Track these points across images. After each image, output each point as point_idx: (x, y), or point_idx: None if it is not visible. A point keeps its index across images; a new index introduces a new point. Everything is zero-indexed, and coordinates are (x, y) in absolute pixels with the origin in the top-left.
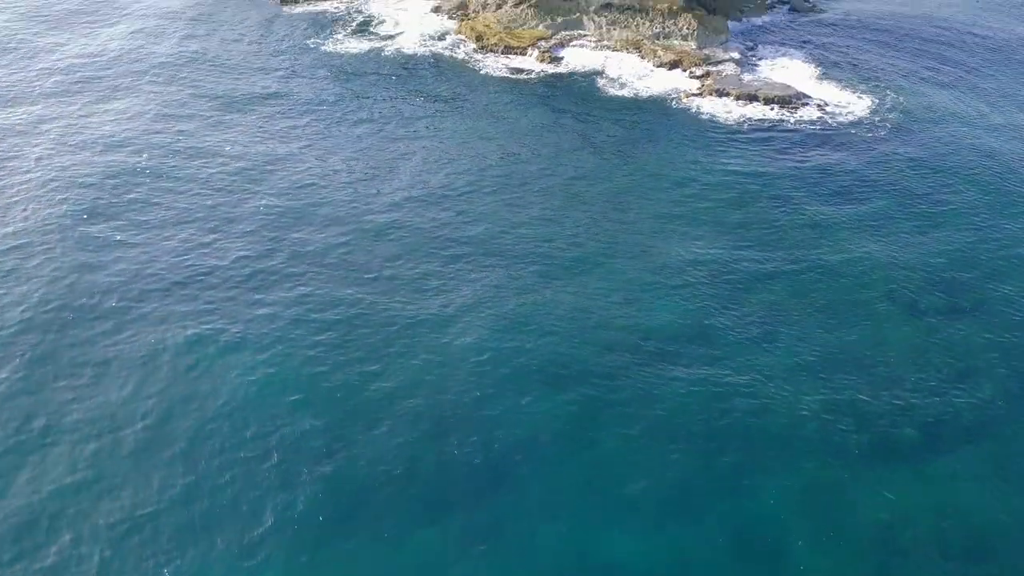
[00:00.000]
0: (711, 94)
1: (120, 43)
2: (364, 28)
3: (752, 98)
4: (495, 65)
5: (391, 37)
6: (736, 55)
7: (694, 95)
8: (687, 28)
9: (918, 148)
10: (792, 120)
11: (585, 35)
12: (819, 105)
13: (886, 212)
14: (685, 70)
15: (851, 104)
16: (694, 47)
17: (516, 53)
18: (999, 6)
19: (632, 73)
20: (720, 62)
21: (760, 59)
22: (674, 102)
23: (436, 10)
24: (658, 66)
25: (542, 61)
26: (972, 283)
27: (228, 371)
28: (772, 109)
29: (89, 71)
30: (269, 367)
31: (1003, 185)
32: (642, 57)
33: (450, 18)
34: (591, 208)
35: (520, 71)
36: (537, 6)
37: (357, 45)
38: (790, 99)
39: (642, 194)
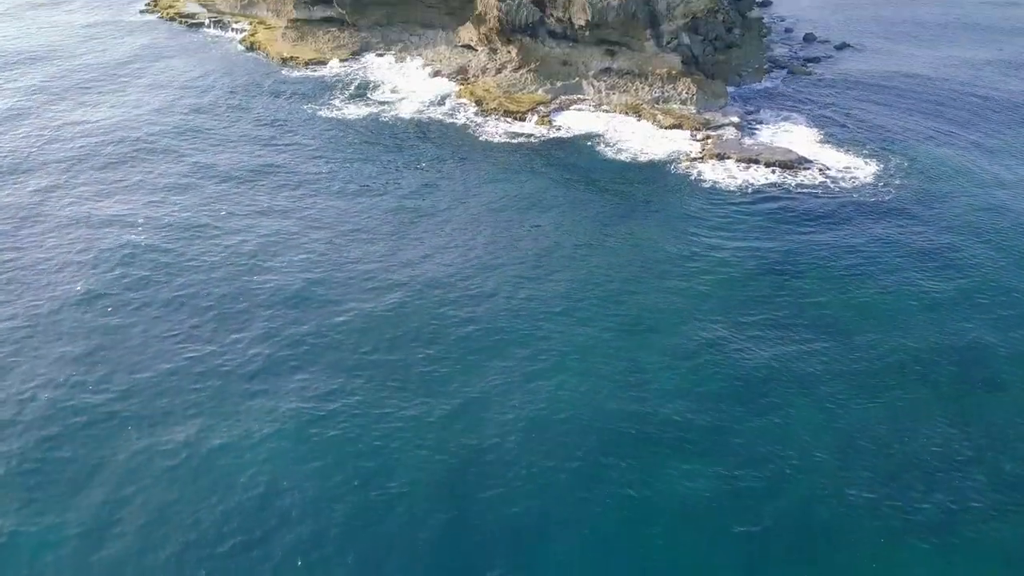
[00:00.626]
0: (712, 158)
1: (116, 112)
2: (363, 93)
3: (753, 162)
4: (495, 130)
5: (390, 103)
6: (736, 119)
7: (695, 159)
8: (686, 92)
9: (927, 213)
10: (795, 185)
11: (584, 99)
12: (822, 169)
13: (898, 284)
14: (685, 134)
15: (854, 168)
16: (694, 111)
17: (516, 117)
18: (998, 65)
19: (632, 137)
20: (720, 126)
21: (760, 123)
22: (675, 167)
23: (436, 74)
24: (658, 130)
25: (541, 125)
26: (994, 357)
27: (218, 472)
28: (774, 173)
29: (83, 143)
30: (263, 466)
31: (1020, 250)
32: (642, 121)
33: (450, 81)
34: (596, 281)
35: (520, 136)
36: (536, 71)
37: (355, 111)
38: (792, 163)
39: (647, 267)
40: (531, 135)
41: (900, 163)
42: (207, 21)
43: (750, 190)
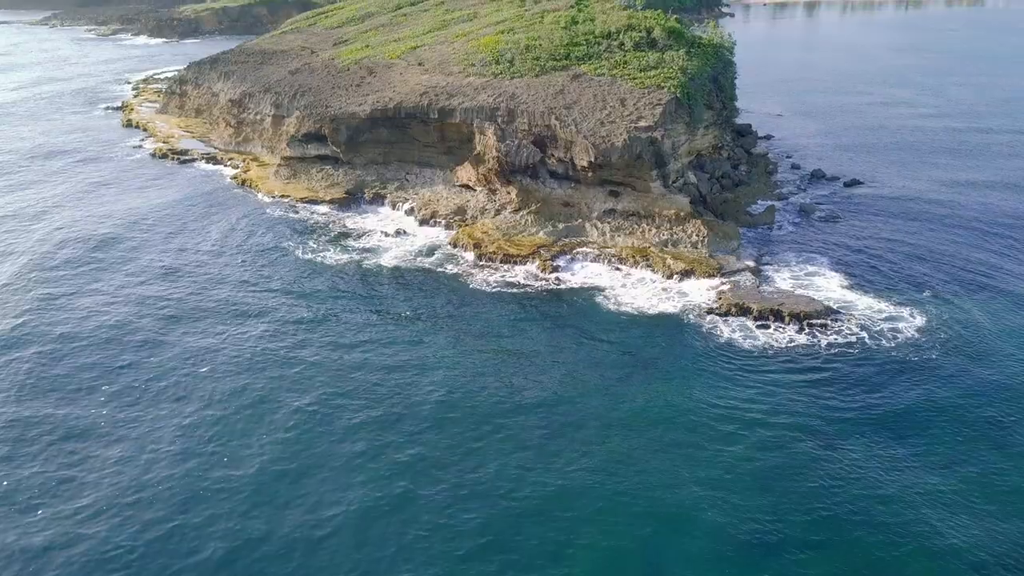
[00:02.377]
0: (729, 309)
1: (91, 285)
2: (354, 237)
3: (776, 314)
4: (491, 279)
5: (381, 248)
6: (751, 263)
7: (710, 311)
8: (696, 235)
9: (981, 378)
10: (824, 343)
11: (588, 242)
12: (852, 321)
13: (952, 469)
14: (698, 281)
15: (890, 318)
16: (705, 254)
17: (515, 262)
18: (1014, 188)
19: (640, 285)
20: (735, 272)
21: (779, 266)
22: (689, 320)
23: (432, 215)
24: (668, 277)
25: (543, 271)
26: None
27: None
28: (802, 332)
29: (48, 327)
30: None
31: None
32: (651, 267)
33: (447, 225)
34: (604, 458)
35: (517, 286)
36: (537, 212)
37: (344, 257)
38: (818, 315)
39: (659, 439)
40: (528, 285)
41: (941, 308)
42: (199, 158)
43: (775, 352)
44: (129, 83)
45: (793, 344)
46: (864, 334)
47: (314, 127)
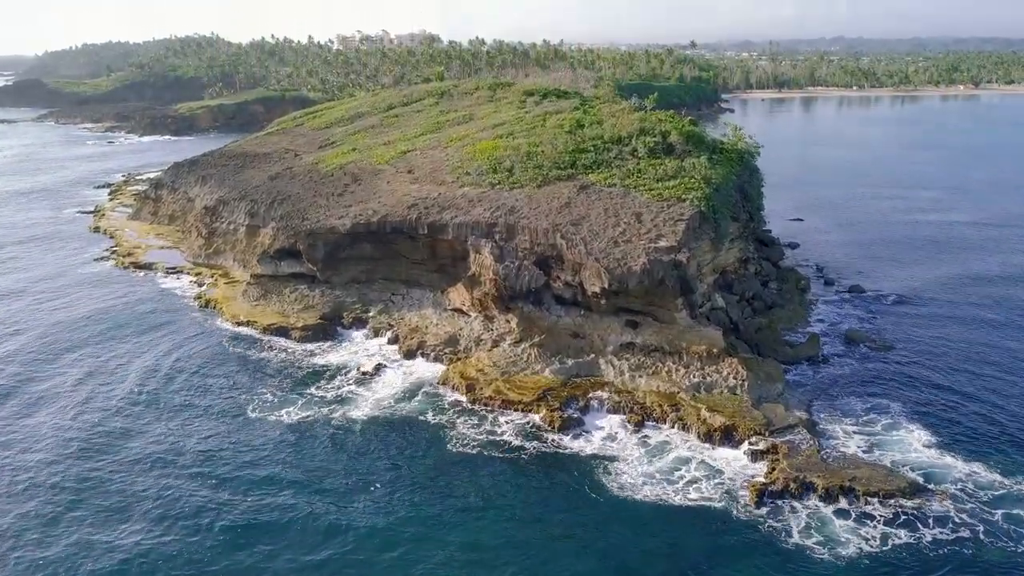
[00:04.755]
0: (787, 486)
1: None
2: (323, 381)
3: (847, 492)
4: (480, 436)
5: (355, 396)
6: (804, 414)
7: (765, 490)
8: (734, 377)
9: None
10: (930, 543)
11: (604, 382)
12: (957, 507)
13: None
14: (742, 441)
15: (1004, 498)
16: (747, 401)
17: (516, 409)
18: None
19: (669, 448)
20: (786, 428)
21: (839, 416)
22: (738, 512)
23: (420, 346)
24: (705, 437)
25: (550, 425)
26: None
27: None
28: (894, 523)
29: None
30: None
31: None
32: (681, 419)
33: (435, 358)
34: None
35: (512, 448)
36: (541, 345)
37: (308, 413)
38: (903, 493)
39: None
40: (523, 448)
41: None
42: (164, 273)
43: (865, 560)
44: (108, 185)
45: (891, 547)
46: (979, 526)
47: (288, 242)
